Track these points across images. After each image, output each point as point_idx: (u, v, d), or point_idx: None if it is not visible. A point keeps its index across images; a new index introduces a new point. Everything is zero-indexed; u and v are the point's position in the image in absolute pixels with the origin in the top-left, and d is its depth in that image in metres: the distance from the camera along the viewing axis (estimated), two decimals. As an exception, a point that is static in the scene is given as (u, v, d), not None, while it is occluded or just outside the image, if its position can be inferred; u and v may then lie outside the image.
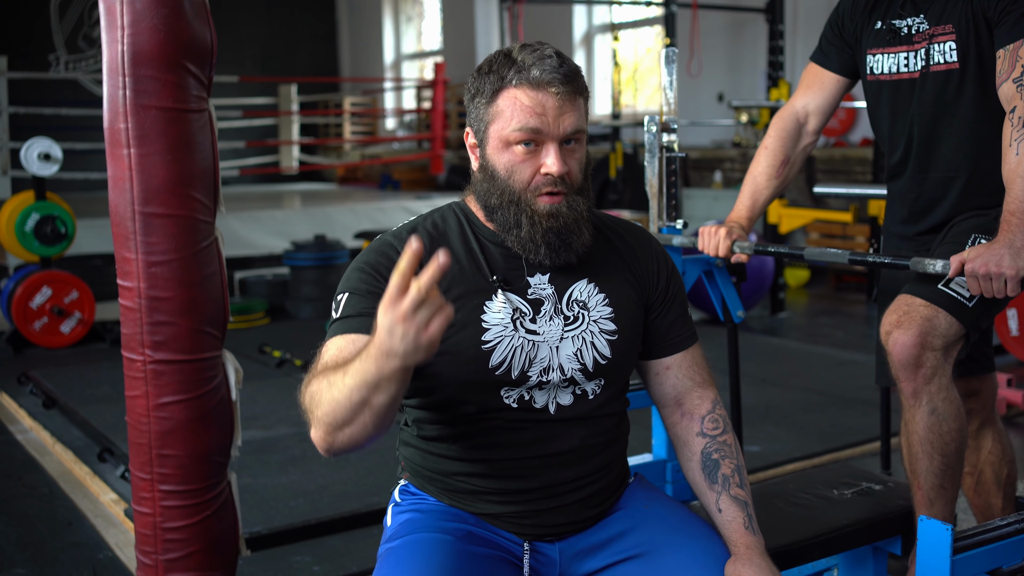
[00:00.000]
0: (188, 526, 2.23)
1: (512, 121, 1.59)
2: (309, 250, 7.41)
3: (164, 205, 2.14)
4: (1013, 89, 2.10)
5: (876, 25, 2.37)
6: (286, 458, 4.09)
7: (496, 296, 1.63)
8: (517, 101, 1.58)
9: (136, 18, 2.08)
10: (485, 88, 1.62)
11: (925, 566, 1.70)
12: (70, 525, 3.47)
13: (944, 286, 2.14)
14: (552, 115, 1.58)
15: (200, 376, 2.22)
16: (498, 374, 1.61)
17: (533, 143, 1.59)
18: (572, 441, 1.66)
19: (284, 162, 12.82)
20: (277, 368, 5.59)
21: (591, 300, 1.68)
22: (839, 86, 2.49)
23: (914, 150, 2.36)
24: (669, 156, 2.65)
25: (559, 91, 1.58)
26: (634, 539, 1.67)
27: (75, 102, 11.27)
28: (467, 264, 1.65)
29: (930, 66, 2.28)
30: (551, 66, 1.58)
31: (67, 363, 5.94)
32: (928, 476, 2.18)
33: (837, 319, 7.27)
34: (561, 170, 1.59)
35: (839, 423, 4.49)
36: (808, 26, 9.38)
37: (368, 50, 16.86)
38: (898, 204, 2.45)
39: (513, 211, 1.62)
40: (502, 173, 1.62)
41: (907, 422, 2.20)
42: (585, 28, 12.58)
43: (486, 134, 1.63)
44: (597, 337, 1.66)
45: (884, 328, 2.19)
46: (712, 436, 1.74)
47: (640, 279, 1.75)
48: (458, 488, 1.68)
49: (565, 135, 1.60)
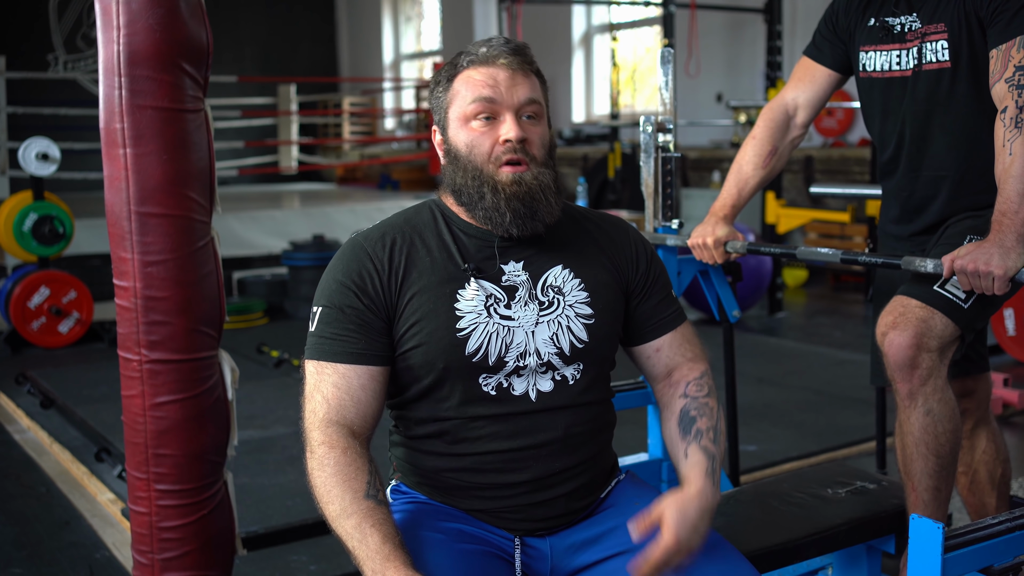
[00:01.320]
0: (184, 525, 2.23)
1: (467, 96, 1.65)
2: (308, 250, 7.42)
3: (160, 205, 2.14)
4: (1005, 89, 2.10)
5: (870, 22, 2.37)
6: (283, 458, 4.10)
7: (468, 284, 1.66)
8: (470, 79, 1.66)
9: (132, 18, 2.08)
10: (441, 78, 1.70)
11: (917, 564, 1.71)
12: (67, 525, 3.47)
13: (940, 287, 2.14)
14: (505, 85, 1.65)
15: (196, 376, 2.23)
16: (475, 360, 1.63)
17: (490, 115, 1.65)
18: (557, 431, 1.67)
19: (283, 162, 12.82)
20: (275, 368, 5.60)
21: (566, 285, 1.71)
22: (831, 81, 2.50)
23: (906, 148, 2.36)
24: (665, 156, 2.65)
25: (508, 61, 1.65)
26: (625, 535, 1.67)
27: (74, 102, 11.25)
28: (439, 254, 1.68)
29: (922, 65, 2.28)
30: (498, 42, 1.67)
31: (65, 363, 5.94)
32: (923, 477, 2.18)
33: (835, 319, 7.27)
34: (519, 135, 1.64)
35: (836, 423, 4.50)
36: (806, 26, 9.38)
37: (367, 50, 16.87)
38: (891, 202, 2.46)
39: (476, 184, 1.65)
40: (463, 151, 1.67)
41: (902, 423, 2.20)
42: (584, 28, 12.58)
43: (446, 119, 1.69)
44: (573, 321, 1.69)
45: (880, 329, 2.20)
46: (693, 397, 1.76)
47: (619, 265, 1.78)
48: (447, 485, 1.69)
49: (519, 104, 1.65)
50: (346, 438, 1.57)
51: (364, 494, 1.51)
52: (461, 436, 1.66)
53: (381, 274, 1.65)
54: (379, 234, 1.70)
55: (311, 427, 1.60)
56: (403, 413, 1.72)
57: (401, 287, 1.65)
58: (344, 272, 1.66)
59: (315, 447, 1.57)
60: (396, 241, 1.68)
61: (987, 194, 2.20)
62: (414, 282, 1.65)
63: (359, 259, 1.67)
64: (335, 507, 1.51)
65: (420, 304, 1.64)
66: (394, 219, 1.75)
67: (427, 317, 1.63)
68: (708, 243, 2.43)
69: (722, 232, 2.44)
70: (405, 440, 1.74)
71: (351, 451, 1.55)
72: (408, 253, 1.67)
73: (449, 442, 1.67)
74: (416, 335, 1.63)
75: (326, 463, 1.54)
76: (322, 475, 1.54)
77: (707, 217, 2.49)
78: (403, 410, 1.72)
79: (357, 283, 1.64)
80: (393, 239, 1.69)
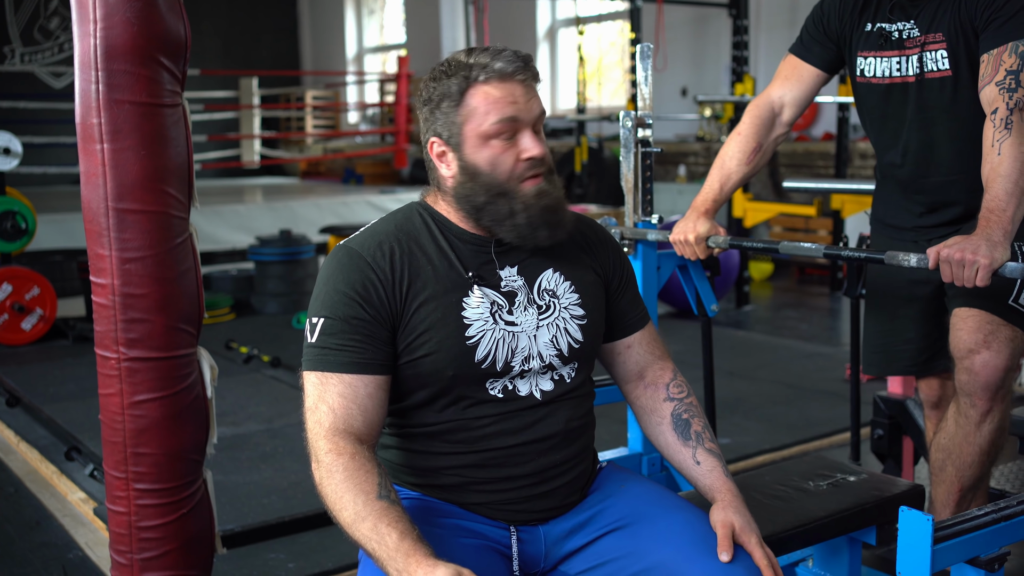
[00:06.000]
0: (164, 524, 2.21)
1: (489, 115, 1.63)
2: (274, 245, 7.35)
3: (138, 201, 2.12)
4: (996, 92, 2.14)
5: (866, 27, 2.40)
6: (257, 455, 4.06)
7: (472, 291, 1.67)
8: (489, 95, 1.63)
9: (109, 12, 2.05)
10: (451, 91, 1.65)
11: (907, 555, 1.73)
12: (38, 525, 3.42)
13: (1015, 302, 2.22)
14: (523, 102, 1.64)
15: (175, 373, 2.20)
16: (484, 367, 1.65)
17: (511, 133, 1.64)
18: (558, 424, 1.71)
19: (245, 156, 12.70)
20: (245, 364, 5.56)
21: (559, 288, 1.74)
22: (817, 80, 2.51)
23: (912, 154, 2.40)
24: (644, 151, 2.65)
25: (524, 78, 1.65)
26: (614, 514, 1.72)
27: (32, 95, 11.10)
28: (440, 264, 1.67)
29: (925, 73, 2.33)
30: (510, 57, 1.64)
31: (29, 360, 5.86)
32: (976, 481, 2.35)
33: (801, 312, 7.33)
34: (542, 152, 1.66)
35: (807, 415, 4.54)
36: (771, 20, 9.45)
37: (330, 43, 16.76)
38: (899, 198, 2.49)
39: (503, 202, 1.65)
40: (485, 168, 1.65)
41: (967, 435, 2.31)
42: (549, 22, 12.59)
43: (461, 135, 1.65)
44: (569, 323, 1.73)
45: (966, 344, 2.25)
46: (679, 399, 1.84)
47: (601, 265, 1.83)
48: (446, 482, 1.69)
49: (535, 119, 1.67)
50: (353, 444, 1.55)
51: (376, 495, 1.50)
52: (464, 435, 1.66)
53: (384, 284, 1.63)
54: (375, 243, 1.67)
55: (317, 437, 1.57)
56: (400, 416, 1.71)
57: (407, 297, 1.63)
58: (346, 282, 1.63)
59: (322, 456, 1.55)
60: (395, 250, 1.66)
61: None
62: (420, 291, 1.64)
63: (360, 269, 1.64)
64: (348, 513, 1.49)
65: (428, 313, 1.63)
66: (383, 226, 1.72)
67: (436, 326, 1.63)
68: (690, 239, 2.44)
69: (704, 228, 2.44)
70: (399, 442, 1.73)
71: (359, 456, 1.54)
72: (409, 262, 1.65)
73: (452, 441, 1.67)
74: (425, 344, 1.62)
75: (335, 470, 1.52)
76: (332, 482, 1.52)
77: (688, 212, 2.50)
78: (400, 415, 1.71)
79: (361, 293, 1.62)
80: (391, 248, 1.66)
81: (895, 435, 3.15)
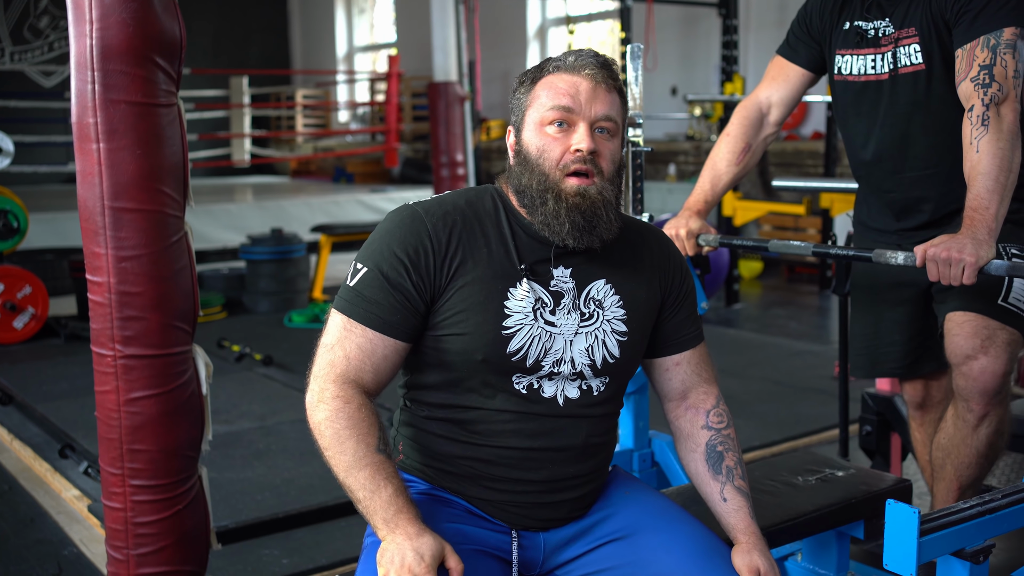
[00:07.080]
0: (159, 520, 2.23)
1: (547, 102, 1.65)
2: (266, 244, 7.35)
3: (134, 200, 2.13)
4: (971, 88, 2.15)
5: (844, 26, 2.42)
6: (250, 452, 4.08)
7: (521, 284, 1.66)
8: (553, 85, 1.66)
9: (105, 12, 2.07)
10: (526, 80, 1.70)
11: (894, 547, 1.76)
12: (32, 522, 3.44)
13: (1004, 301, 2.21)
14: (584, 96, 1.64)
15: (171, 371, 2.22)
16: (514, 360, 1.64)
17: (565, 123, 1.64)
18: (577, 438, 1.69)
19: (236, 155, 12.66)
20: (237, 363, 5.57)
21: (606, 300, 1.72)
22: (804, 80, 2.54)
23: (887, 151, 2.40)
24: (636, 151, 2.68)
25: (592, 73, 1.65)
26: (616, 523, 1.71)
27: (22, 94, 11.07)
28: (496, 248, 1.67)
29: (898, 68, 2.33)
30: (587, 54, 1.67)
31: (22, 359, 5.86)
32: (975, 480, 2.36)
33: (790, 310, 7.37)
34: (590, 147, 1.63)
35: (796, 412, 4.57)
36: (761, 20, 9.49)
37: (320, 42, 16.76)
38: (872, 200, 2.51)
39: (540, 189, 1.65)
40: (534, 154, 1.66)
41: (964, 437, 2.32)
42: (539, 21, 12.61)
43: (523, 120, 1.69)
44: (609, 336, 1.70)
45: (964, 350, 2.24)
46: (717, 429, 1.82)
47: (660, 281, 1.79)
48: (456, 472, 1.69)
49: (596, 118, 1.65)
50: (360, 395, 1.59)
51: (376, 448, 1.54)
52: (482, 427, 1.66)
53: (436, 254, 1.62)
54: (441, 212, 1.67)
55: (326, 378, 1.60)
56: (420, 395, 1.72)
57: (454, 273, 1.63)
58: (400, 243, 1.63)
59: (329, 399, 1.58)
60: (457, 224, 1.66)
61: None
62: (468, 271, 1.63)
63: (417, 233, 1.64)
64: (347, 457, 1.53)
65: (469, 294, 1.63)
66: (455, 198, 1.72)
67: (474, 308, 1.62)
68: (681, 235, 2.46)
69: (695, 225, 2.47)
70: (418, 420, 1.73)
71: (365, 408, 1.58)
72: (468, 240, 1.65)
73: (469, 431, 1.67)
74: (460, 323, 1.62)
75: (340, 415, 1.56)
76: (335, 426, 1.55)
77: (681, 211, 2.53)
78: (421, 391, 1.71)
79: (412, 258, 1.62)
80: (455, 221, 1.66)
81: (883, 431, 3.18)
